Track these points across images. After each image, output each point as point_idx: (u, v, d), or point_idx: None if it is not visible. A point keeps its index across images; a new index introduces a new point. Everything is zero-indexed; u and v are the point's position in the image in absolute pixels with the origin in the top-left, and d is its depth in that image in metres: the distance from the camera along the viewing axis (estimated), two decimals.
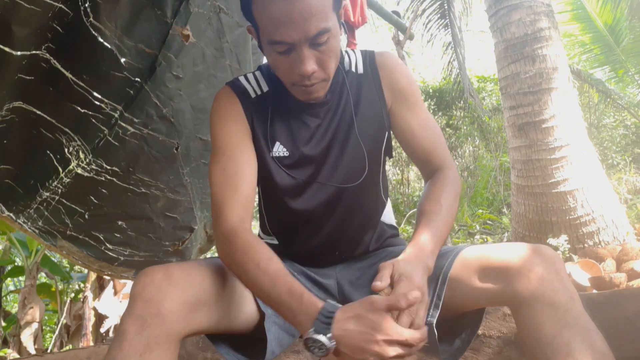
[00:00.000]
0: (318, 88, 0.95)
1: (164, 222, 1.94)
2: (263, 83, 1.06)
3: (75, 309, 4.11)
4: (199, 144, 1.90)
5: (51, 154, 1.50)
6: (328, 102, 1.04)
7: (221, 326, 0.88)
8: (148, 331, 0.75)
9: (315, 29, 0.85)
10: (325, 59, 0.90)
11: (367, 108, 1.04)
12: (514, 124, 4.18)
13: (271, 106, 1.04)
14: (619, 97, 7.98)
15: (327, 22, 0.87)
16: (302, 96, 0.97)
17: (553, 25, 4.16)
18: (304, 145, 1.02)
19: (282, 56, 0.90)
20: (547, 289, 0.80)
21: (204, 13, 1.71)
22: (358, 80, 1.06)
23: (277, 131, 1.03)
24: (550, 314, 0.78)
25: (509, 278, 0.83)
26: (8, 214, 1.50)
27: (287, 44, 0.87)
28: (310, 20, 0.84)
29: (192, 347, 1.77)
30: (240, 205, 0.93)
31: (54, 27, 1.31)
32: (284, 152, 1.02)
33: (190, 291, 0.80)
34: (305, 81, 0.92)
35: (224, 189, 0.94)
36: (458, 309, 0.94)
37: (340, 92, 1.05)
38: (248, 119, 1.02)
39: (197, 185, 1.99)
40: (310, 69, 0.89)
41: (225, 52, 1.86)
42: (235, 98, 1.03)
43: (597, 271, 3.19)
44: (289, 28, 0.84)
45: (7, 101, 1.35)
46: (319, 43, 0.88)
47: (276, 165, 1.01)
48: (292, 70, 0.91)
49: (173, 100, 1.69)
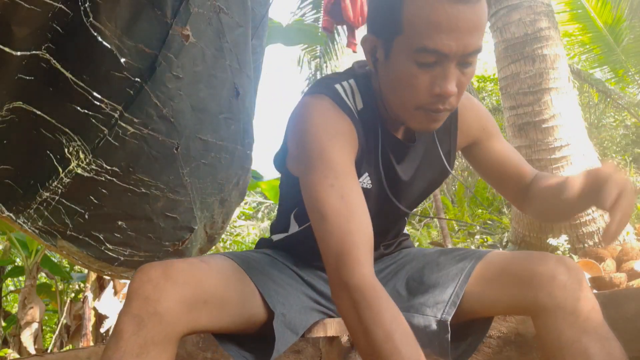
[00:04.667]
0: (443, 117, 0.85)
1: (164, 222, 1.94)
2: (359, 100, 0.93)
3: (75, 309, 4.12)
4: (199, 144, 1.90)
5: (51, 154, 1.50)
6: (417, 141, 0.98)
7: (224, 325, 0.86)
8: (145, 331, 0.72)
9: (474, 45, 0.77)
10: (464, 83, 0.82)
11: (443, 147, 1.02)
12: (514, 124, 4.18)
13: (366, 130, 0.92)
14: (619, 97, 7.97)
15: (481, 42, 0.79)
16: (421, 124, 0.86)
17: (553, 25, 4.16)
18: (386, 178, 0.95)
19: (422, 70, 0.79)
20: (569, 297, 0.81)
21: (204, 13, 1.71)
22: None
23: (367, 160, 0.92)
24: (570, 321, 0.80)
25: (531, 284, 0.84)
26: (8, 214, 1.50)
27: (440, 55, 0.77)
28: (474, 34, 0.76)
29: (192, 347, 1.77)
30: (368, 247, 0.79)
31: (53, 27, 1.31)
32: (368, 184, 0.94)
33: (190, 289, 0.78)
34: (439, 104, 0.81)
35: (348, 225, 0.78)
36: (472, 313, 0.95)
37: (429, 134, 1.00)
38: (359, 140, 0.89)
39: (197, 186, 1.99)
40: (453, 90, 0.79)
41: (225, 52, 1.86)
42: (343, 114, 0.89)
43: (597, 271, 3.19)
44: (450, 37, 0.75)
45: (7, 101, 1.35)
46: (468, 63, 0.80)
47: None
48: (429, 89, 0.80)
49: (173, 100, 1.69)
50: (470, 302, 0.91)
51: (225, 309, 0.85)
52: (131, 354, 0.71)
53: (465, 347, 0.97)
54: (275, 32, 3.64)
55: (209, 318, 0.82)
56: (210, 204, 2.12)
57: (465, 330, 0.98)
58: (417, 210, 7.97)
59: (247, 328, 0.92)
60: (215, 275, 0.84)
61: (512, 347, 1.63)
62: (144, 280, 0.76)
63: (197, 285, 0.79)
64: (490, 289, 0.89)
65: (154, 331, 0.73)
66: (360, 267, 0.76)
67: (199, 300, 0.79)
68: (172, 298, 0.75)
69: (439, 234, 5.87)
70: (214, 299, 0.82)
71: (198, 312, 0.79)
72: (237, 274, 0.90)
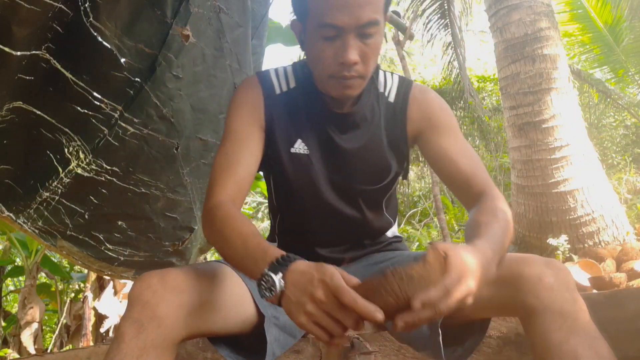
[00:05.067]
0: (354, 84, 0.95)
1: (164, 222, 1.94)
2: (292, 79, 1.08)
3: (75, 309, 4.12)
4: (199, 144, 1.90)
5: (51, 154, 1.50)
6: (353, 114, 1.05)
7: (220, 329, 0.89)
8: (145, 334, 0.75)
9: (367, 17, 0.87)
10: (368, 53, 0.91)
11: (389, 137, 1.07)
12: (514, 124, 4.19)
13: (295, 103, 1.06)
14: (619, 97, 7.98)
15: (378, 15, 0.89)
16: (336, 90, 0.97)
17: (553, 25, 4.16)
18: (325, 147, 1.05)
19: (327, 42, 0.90)
20: (557, 299, 0.81)
21: (204, 13, 1.71)
22: (386, 107, 1.08)
23: (300, 129, 1.05)
24: (559, 323, 0.80)
25: (520, 287, 0.84)
26: (8, 214, 1.50)
27: (337, 28, 0.88)
28: (365, 8, 0.86)
29: (192, 347, 1.77)
30: (233, 186, 0.96)
31: (54, 27, 1.31)
32: (305, 150, 1.04)
33: (187, 295, 0.81)
34: (345, 72, 0.92)
35: (220, 170, 0.97)
36: (465, 317, 0.95)
37: (369, 111, 1.07)
38: (266, 113, 1.04)
39: (197, 185, 1.99)
40: (354, 58, 0.89)
41: (225, 52, 1.86)
42: (259, 89, 1.05)
43: (597, 271, 3.19)
44: (342, 12, 0.86)
45: (7, 101, 1.35)
46: (366, 34, 0.89)
47: (294, 161, 1.04)
48: (334, 59, 0.91)
49: (173, 100, 1.69)
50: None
51: (221, 313, 0.88)
52: (132, 356, 0.74)
53: (462, 351, 0.98)
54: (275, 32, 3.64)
55: (207, 322, 0.85)
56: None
57: (462, 333, 0.98)
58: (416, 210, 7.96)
59: (242, 331, 0.94)
60: (211, 281, 0.87)
61: (512, 347, 1.63)
62: (144, 287, 0.79)
63: (194, 291, 0.82)
64: (481, 293, 0.89)
65: (154, 335, 0.76)
66: (220, 196, 0.93)
67: (197, 306, 0.82)
68: (171, 303, 0.78)
69: (439, 234, 5.87)
70: (211, 304, 0.85)
71: (196, 316, 0.82)
72: (232, 278, 0.92)
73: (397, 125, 1.08)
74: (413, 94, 1.09)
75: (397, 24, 3.94)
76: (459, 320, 0.95)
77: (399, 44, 4.33)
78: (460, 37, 6.28)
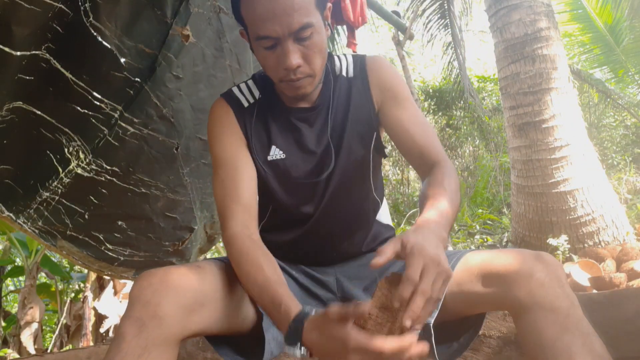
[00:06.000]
0: (304, 83, 0.97)
1: (164, 222, 1.94)
2: (255, 91, 1.11)
3: (75, 309, 4.12)
4: (199, 144, 1.90)
5: (51, 154, 1.50)
6: (317, 106, 1.07)
7: (220, 327, 0.89)
8: (146, 333, 0.76)
9: (297, 23, 0.89)
10: (309, 53, 0.94)
11: (357, 110, 1.07)
12: (514, 124, 4.18)
13: (264, 112, 1.08)
14: (619, 97, 7.98)
15: (310, 17, 0.91)
16: (289, 92, 1.00)
17: (553, 25, 4.16)
18: (299, 148, 1.06)
19: (268, 51, 0.94)
20: (548, 295, 0.80)
21: (204, 13, 1.71)
22: (348, 83, 1.09)
23: (272, 136, 1.07)
24: (551, 319, 0.79)
25: (510, 283, 0.83)
26: (8, 214, 1.50)
27: (272, 39, 0.91)
28: (293, 15, 0.89)
29: (192, 347, 1.77)
30: (242, 211, 0.97)
31: (54, 27, 1.31)
32: (281, 155, 1.06)
33: (188, 294, 0.81)
34: (291, 75, 0.95)
35: (225, 200, 0.99)
36: (458, 313, 0.95)
37: (330, 97, 1.08)
38: (242, 127, 1.06)
39: (197, 185, 1.99)
40: (295, 62, 0.92)
41: (225, 52, 1.86)
42: (228, 108, 1.07)
43: (597, 271, 3.19)
44: (273, 23, 0.89)
45: (7, 101, 1.34)
46: (302, 37, 0.92)
47: (274, 168, 1.05)
48: (278, 65, 0.94)
49: (173, 100, 1.69)
50: (455, 302, 0.91)
51: (221, 312, 0.88)
52: (133, 355, 0.74)
53: (458, 346, 0.97)
54: None
55: (207, 321, 0.85)
56: (210, 204, 2.13)
57: (457, 329, 0.98)
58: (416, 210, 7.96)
59: (242, 330, 0.95)
60: (211, 279, 0.88)
61: (512, 347, 1.63)
62: (144, 286, 0.80)
63: (194, 290, 0.83)
64: (472, 289, 0.89)
65: (155, 333, 0.76)
66: (232, 227, 0.95)
67: (197, 304, 0.82)
68: (172, 302, 0.79)
69: None
70: (211, 303, 0.86)
71: (196, 315, 0.82)
72: (231, 277, 0.92)
73: (363, 95, 1.08)
74: (369, 65, 1.10)
75: (397, 24, 3.94)
76: (453, 316, 0.95)
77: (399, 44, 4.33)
78: (460, 37, 6.28)
